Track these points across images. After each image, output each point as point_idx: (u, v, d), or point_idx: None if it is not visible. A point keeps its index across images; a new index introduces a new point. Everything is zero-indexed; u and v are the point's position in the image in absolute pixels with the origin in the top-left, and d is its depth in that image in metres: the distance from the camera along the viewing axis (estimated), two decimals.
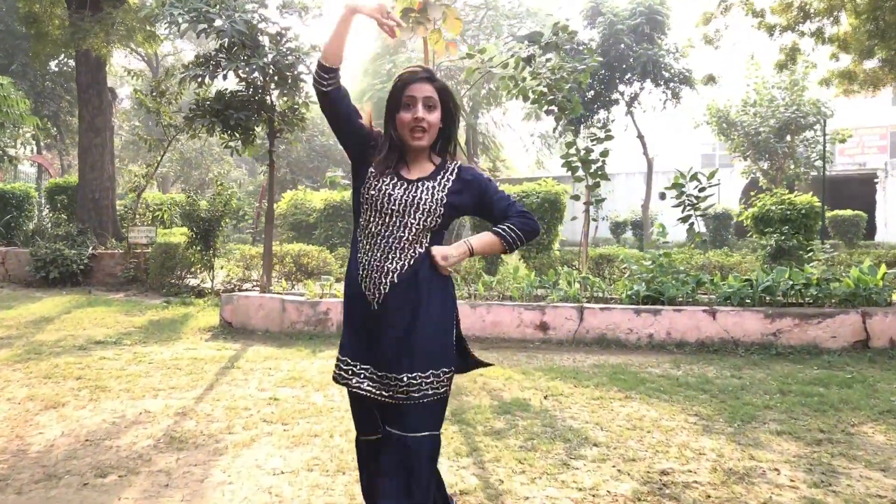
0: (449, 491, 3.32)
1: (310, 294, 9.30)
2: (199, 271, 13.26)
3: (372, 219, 2.78)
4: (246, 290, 11.97)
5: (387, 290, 2.73)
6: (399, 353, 2.72)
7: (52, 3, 16.37)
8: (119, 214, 17.16)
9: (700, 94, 24.66)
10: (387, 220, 2.75)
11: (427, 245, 2.78)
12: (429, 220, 2.75)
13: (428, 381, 2.70)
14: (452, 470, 4.03)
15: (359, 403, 2.87)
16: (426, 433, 2.71)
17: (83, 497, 3.65)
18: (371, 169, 2.82)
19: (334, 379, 2.86)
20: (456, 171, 2.88)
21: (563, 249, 16.68)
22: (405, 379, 2.69)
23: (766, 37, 17.70)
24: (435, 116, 2.80)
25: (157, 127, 15.87)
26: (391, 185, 2.77)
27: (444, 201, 2.78)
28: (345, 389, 3.04)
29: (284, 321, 8.76)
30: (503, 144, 41.17)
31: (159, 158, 14.88)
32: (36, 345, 7.87)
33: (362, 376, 2.78)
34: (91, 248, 14.59)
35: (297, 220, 19.29)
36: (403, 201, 2.74)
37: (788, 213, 13.05)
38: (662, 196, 35.42)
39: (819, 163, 24.68)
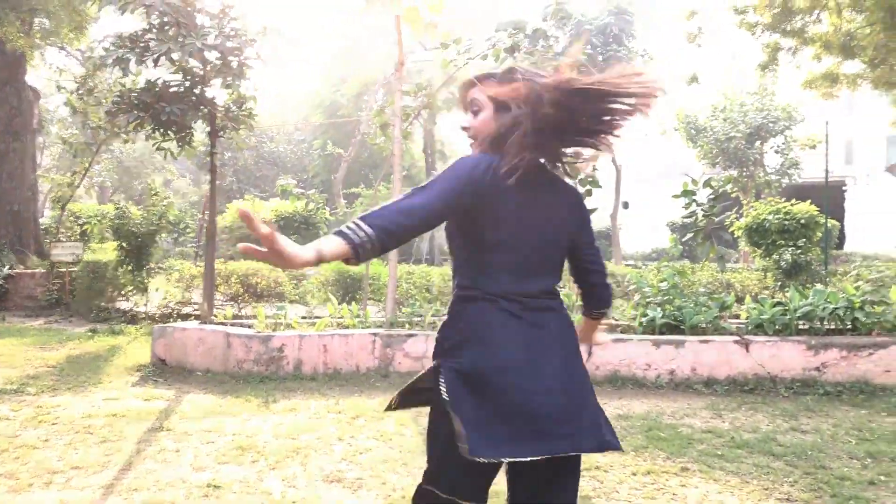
0: None
1: (259, 325, 7.77)
2: (131, 293, 11.60)
3: None
4: (186, 314, 10.42)
5: None
6: None
7: None
8: (44, 229, 15.36)
9: (668, 98, 23.72)
10: None
11: None
12: None
13: None
14: None
15: None
16: None
17: None
18: None
19: None
20: None
21: None
22: None
23: (748, 37, 17.04)
24: None
25: (88, 130, 14.16)
26: None
27: None
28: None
29: (229, 359, 7.22)
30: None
31: (87, 165, 13.16)
32: None
33: None
34: (8, 266, 12.81)
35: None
36: None
37: (787, 223, 11.95)
38: (626, 205, 34.62)
39: (791, 170, 23.90)
